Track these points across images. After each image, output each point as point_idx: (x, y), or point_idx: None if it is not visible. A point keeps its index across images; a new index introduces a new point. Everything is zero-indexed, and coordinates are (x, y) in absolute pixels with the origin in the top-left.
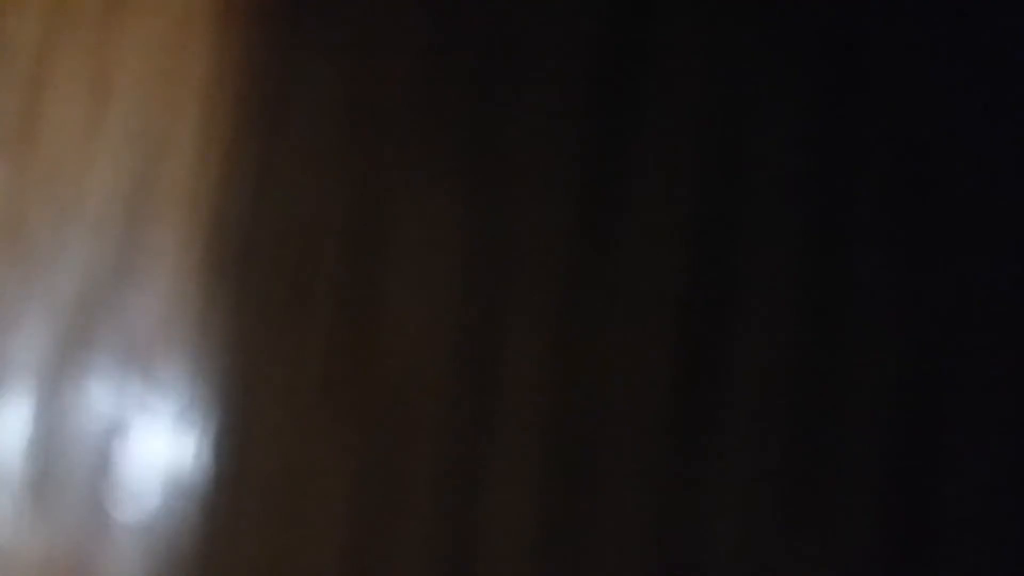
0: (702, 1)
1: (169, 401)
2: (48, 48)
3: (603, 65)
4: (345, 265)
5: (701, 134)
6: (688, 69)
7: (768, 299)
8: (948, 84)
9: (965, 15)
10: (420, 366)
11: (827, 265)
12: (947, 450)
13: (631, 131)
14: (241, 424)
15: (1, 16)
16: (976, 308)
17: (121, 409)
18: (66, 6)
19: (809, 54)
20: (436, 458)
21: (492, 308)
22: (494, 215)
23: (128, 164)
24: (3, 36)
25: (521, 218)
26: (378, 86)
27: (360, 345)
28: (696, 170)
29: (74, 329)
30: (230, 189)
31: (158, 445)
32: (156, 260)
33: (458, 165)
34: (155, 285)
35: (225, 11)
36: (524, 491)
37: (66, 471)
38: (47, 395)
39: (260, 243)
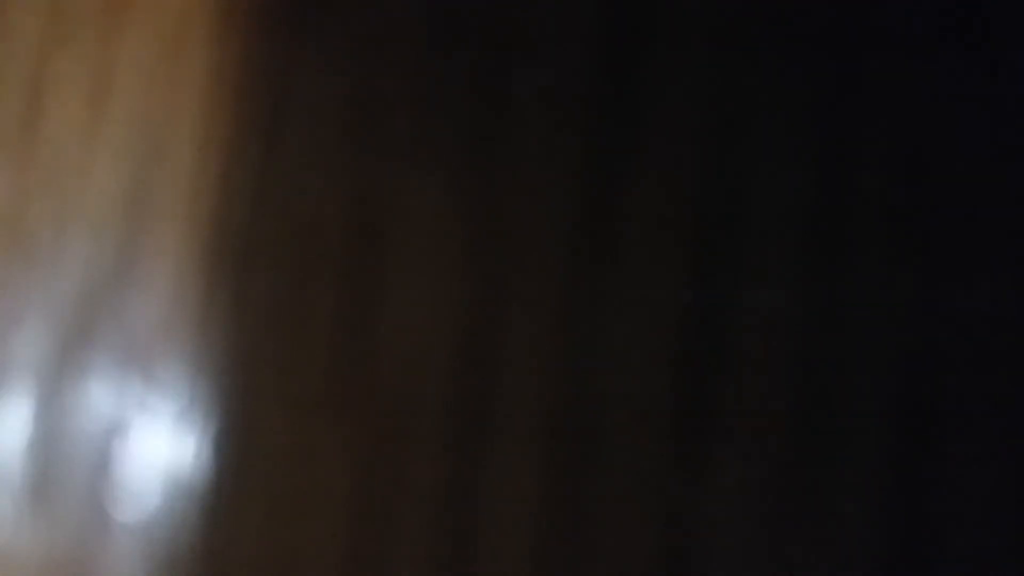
0: (702, 4)
1: (169, 401)
2: (48, 48)
3: (603, 64)
4: (345, 265)
5: (702, 133)
6: (689, 71)
7: (769, 300)
8: (949, 85)
9: (966, 15)
10: (421, 366)
11: (828, 268)
12: (949, 451)
13: (632, 129)
14: (241, 424)
15: (0, 16)
16: (977, 309)
17: (121, 409)
18: (66, 6)
19: (810, 56)
20: (437, 458)
21: (493, 308)
22: (495, 215)
23: (128, 164)
24: (3, 36)
25: (522, 218)
26: (379, 86)
27: (361, 345)
28: (698, 169)
29: (74, 329)
30: (230, 189)
31: (158, 445)
32: (156, 260)
33: (459, 165)
34: (155, 285)
35: (225, 11)
36: (525, 491)
37: (66, 471)
38: (47, 395)
39: (260, 243)
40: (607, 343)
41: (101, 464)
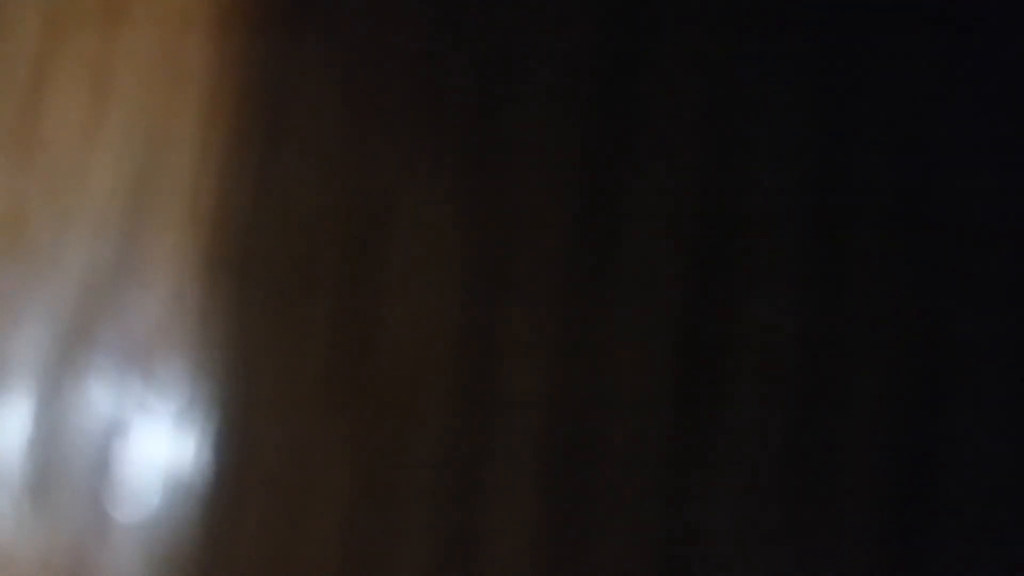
0: (701, 5)
1: (169, 401)
2: (48, 49)
3: (604, 66)
4: (345, 264)
5: (702, 135)
6: (688, 72)
7: (769, 299)
8: (948, 85)
9: (965, 16)
10: (420, 366)
11: (828, 265)
12: (949, 446)
13: (632, 133)
14: (241, 424)
15: (1, 17)
16: (977, 306)
17: (121, 409)
18: (66, 6)
19: (808, 57)
20: (436, 457)
21: (492, 307)
22: (494, 215)
23: (128, 164)
24: (3, 37)
25: (522, 218)
26: (378, 87)
27: (360, 344)
28: (697, 171)
29: (74, 329)
30: (230, 189)
31: (158, 445)
32: (156, 260)
33: (458, 165)
34: (155, 285)
35: (225, 11)
36: (524, 490)
37: (66, 471)
38: (47, 395)
39: (260, 243)
40: (606, 348)
41: (101, 464)
